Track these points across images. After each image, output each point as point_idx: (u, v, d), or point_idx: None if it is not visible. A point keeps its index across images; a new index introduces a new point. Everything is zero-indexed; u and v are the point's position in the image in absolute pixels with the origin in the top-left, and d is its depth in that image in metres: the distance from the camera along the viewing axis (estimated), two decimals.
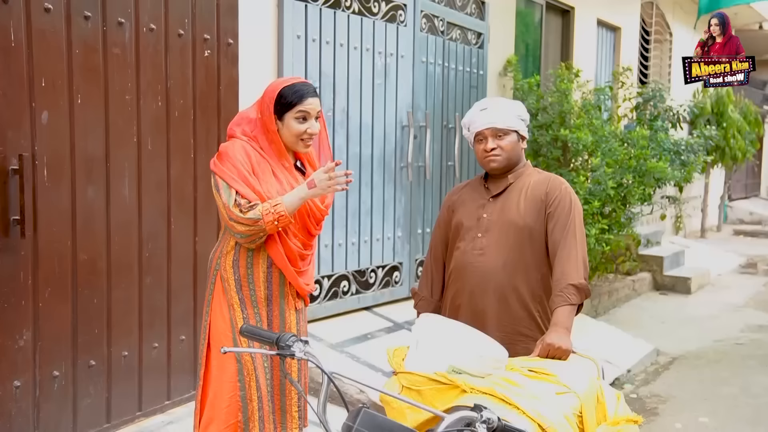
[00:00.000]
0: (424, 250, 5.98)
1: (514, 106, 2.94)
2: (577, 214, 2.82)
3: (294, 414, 2.87)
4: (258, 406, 2.76)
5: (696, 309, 8.23)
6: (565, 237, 2.77)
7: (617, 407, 2.35)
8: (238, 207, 2.64)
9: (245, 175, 2.69)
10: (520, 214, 2.84)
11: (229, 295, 2.77)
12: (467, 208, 2.96)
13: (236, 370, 2.75)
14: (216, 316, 2.79)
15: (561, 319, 2.67)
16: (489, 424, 1.64)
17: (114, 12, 3.46)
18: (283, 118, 2.75)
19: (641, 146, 6.80)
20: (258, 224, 2.63)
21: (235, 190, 2.66)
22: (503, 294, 2.82)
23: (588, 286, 2.74)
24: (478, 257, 2.85)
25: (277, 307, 2.82)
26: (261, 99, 2.80)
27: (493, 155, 2.89)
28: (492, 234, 2.86)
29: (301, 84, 2.77)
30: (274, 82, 2.82)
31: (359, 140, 5.28)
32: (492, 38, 6.73)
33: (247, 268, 2.77)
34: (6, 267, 3.09)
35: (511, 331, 2.82)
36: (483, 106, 2.93)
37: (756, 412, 4.97)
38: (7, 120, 3.07)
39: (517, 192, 2.89)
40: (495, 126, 2.86)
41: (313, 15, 4.83)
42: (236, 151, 2.71)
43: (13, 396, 3.15)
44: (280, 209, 2.65)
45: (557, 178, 2.93)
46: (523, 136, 2.95)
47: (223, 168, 2.70)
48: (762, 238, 14.06)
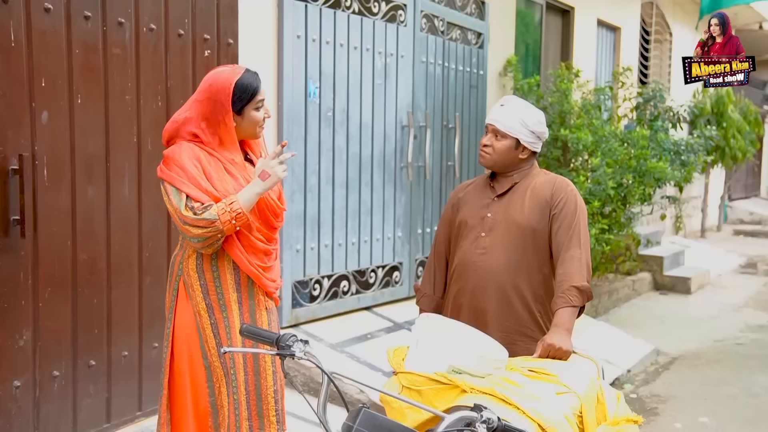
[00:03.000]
0: (424, 250, 5.98)
1: (525, 114, 2.86)
2: (582, 217, 2.82)
3: (272, 419, 2.74)
4: (233, 410, 2.66)
5: (696, 309, 8.23)
6: (570, 239, 2.76)
7: (617, 407, 2.35)
8: (190, 210, 2.51)
9: (195, 178, 2.56)
10: (524, 214, 2.83)
11: (195, 302, 2.66)
12: (471, 206, 2.96)
13: (205, 377, 2.68)
14: (180, 323, 2.69)
15: (562, 320, 2.67)
16: (489, 424, 1.64)
17: (114, 12, 3.46)
18: (242, 111, 2.63)
19: (641, 146, 6.81)
20: (214, 225, 2.50)
21: (185, 194, 2.54)
22: (505, 294, 2.82)
23: (590, 288, 2.74)
24: (481, 256, 2.85)
25: (247, 310, 2.70)
26: (208, 97, 2.61)
27: (483, 151, 2.90)
28: (495, 233, 2.85)
29: (246, 73, 2.64)
30: (218, 78, 2.62)
31: (359, 140, 5.28)
32: (492, 38, 6.73)
33: (212, 272, 2.65)
34: (6, 267, 3.09)
35: (512, 331, 2.82)
36: (503, 101, 2.92)
37: (756, 412, 4.97)
38: (7, 120, 3.07)
39: (522, 192, 2.88)
40: (496, 125, 2.86)
41: (313, 15, 4.82)
42: (183, 153, 2.58)
43: (13, 396, 3.14)
44: (235, 207, 2.52)
45: (563, 179, 2.91)
46: (524, 146, 2.87)
47: (171, 173, 2.56)
48: (762, 238, 14.05)
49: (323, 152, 4.97)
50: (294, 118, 4.72)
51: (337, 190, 5.12)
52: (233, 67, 2.69)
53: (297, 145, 4.75)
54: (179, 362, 2.70)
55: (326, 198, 5.05)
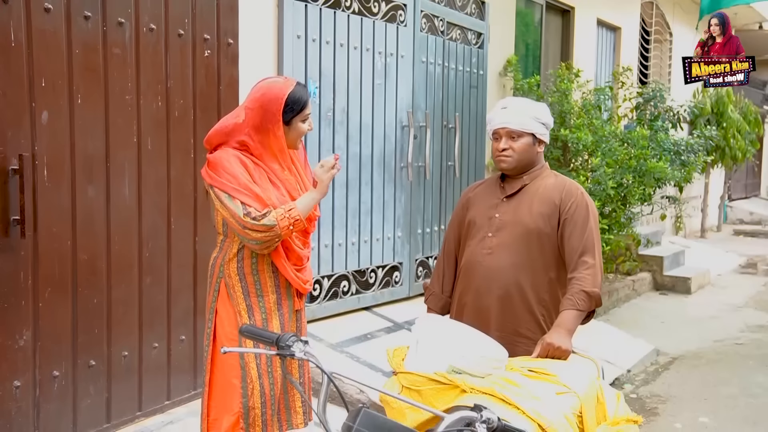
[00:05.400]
0: (424, 250, 5.98)
1: (533, 108, 2.90)
2: (594, 222, 2.82)
3: (298, 410, 2.89)
4: (261, 412, 2.76)
5: (696, 309, 8.22)
6: (584, 245, 2.76)
7: (617, 407, 2.35)
8: (248, 216, 2.60)
9: (247, 185, 2.64)
10: (532, 216, 2.83)
11: (236, 302, 2.75)
12: (480, 206, 2.96)
13: (240, 377, 2.76)
14: (222, 323, 2.78)
15: (564, 321, 2.67)
16: (489, 424, 1.64)
17: (114, 12, 3.46)
18: (291, 122, 2.73)
19: (641, 146, 6.81)
20: (273, 230, 2.61)
21: (239, 200, 2.61)
22: (508, 294, 2.82)
23: (600, 294, 2.73)
24: (486, 256, 2.85)
25: (287, 311, 2.82)
26: (260, 106, 2.69)
27: (504, 155, 2.88)
28: (502, 234, 2.85)
29: (299, 86, 2.75)
30: (271, 88, 2.72)
31: (359, 140, 5.28)
32: (492, 38, 6.73)
33: (253, 276, 2.75)
34: (6, 267, 3.09)
35: (513, 332, 2.82)
36: (504, 104, 2.92)
37: (756, 412, 4.97)
38: (7, 120, 3.07)
39: (531, 194, 2.88)
40: (509, 126, 2.85)
41: (313, 15, 4.83)
42: (231, 160, 2.66)
43: (13, 396, 3.14)
44: (294, 214, 2.65)
45: (573, 183, 2.91)
46: (540, 139, 2.91)
47: (222, 180, 2.64)
48: (762, 238, 14.05)
49: (323, 152, 4.97)
50: None
51: (337, 190, 5.12)
52: (286, 79, 2.81)
53: None
54: (220, 361, 2.79)
55: (326, 198, 5.04)
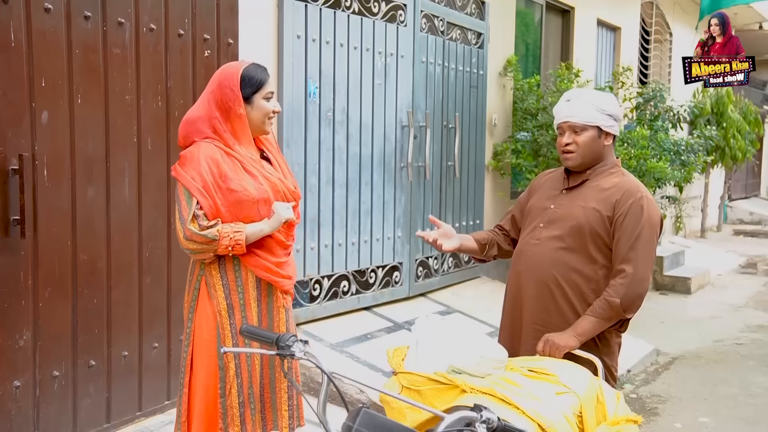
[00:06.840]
0: (424, 250, 5.98)
1: (598, 99, 2.77)
2: (647, 231, 2.68)
3: (284, 413, 2.82)
4: (240, 412, 2.72)
5: (696, 309, 8.22)
6: (627, 252, 2.67)
7: (617, 407, 2.35)
8: (196, 221, 2.56)
9: (208, 185, 2.59)
10: (586, 212, 2.73)
11: (216, 302, 2.69)
12: (541, 195, 2.90)
13: (218, 378, 2.72)
14: (201, 323, 2.73)
15: (576, 324, 2.67)
16: (489, 424, 1.64)
17: (114, 12, 3.46)
18: (251, 100, 2.69)
19: (641, 146, 6.81)
20: (212, 245, 2.57)
21: (196, 200, 2.57)
22: (546, 288, 2.75)
23: (624, 306, 2.64)
24: (533, 247, 2.80)
25: (266, 308, 2.76)
26: (217, 88, 2.67)
27: (566, 151, 2.78)
28: (553, 227, 2.78)
29: (253, 65, 2.73)
30: (227, 67, 2.72)
31: (359, 140, 5.28)
32: (492, 38, 6.73)
33: (235, 272, 2.70)
34: (6, 267, 3.09)
35: (543, 325, 2.75)
36: (567, 96, 2.81)
37: (756, 412, 4.97)
38: (7, 120, 3.07)
39: (591, 190, 2.77)
40: (571, 120, 2.75)
41: (313, 15, 4.82)
42: (201, 155, 2.60)
43: (13, 396, 3.14)
44: (239, 237, 2.59)
45: (636, 186, 2.76)
46: (607, 132, 2.77)
47: (186, 176, 2.59)
48: (762, 238, 14.05)
49: (323, 152, 4.97)
50: (294, 118, 4.72)
51: (337, 190, 5.12)
52: (242, 60, 2.81)
53: (297, 145, 4.76)
54: (199, 362, 2.75)
55: (326, 198, 5.05)
